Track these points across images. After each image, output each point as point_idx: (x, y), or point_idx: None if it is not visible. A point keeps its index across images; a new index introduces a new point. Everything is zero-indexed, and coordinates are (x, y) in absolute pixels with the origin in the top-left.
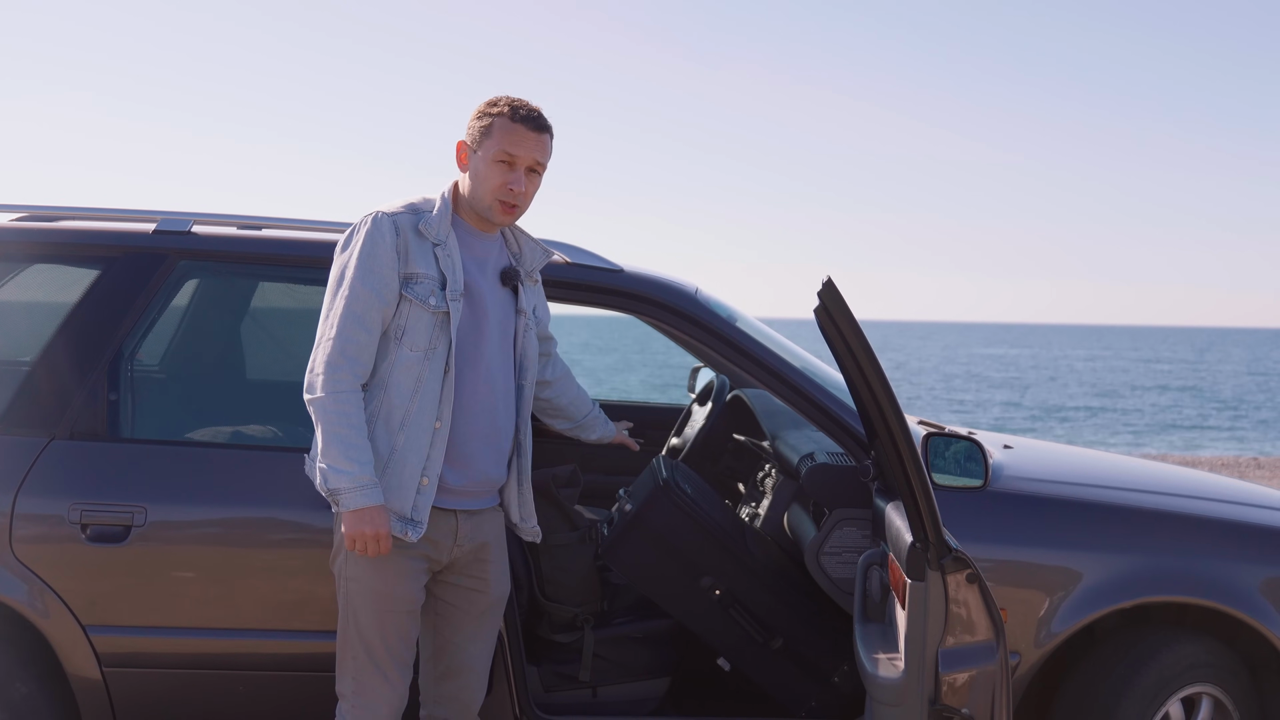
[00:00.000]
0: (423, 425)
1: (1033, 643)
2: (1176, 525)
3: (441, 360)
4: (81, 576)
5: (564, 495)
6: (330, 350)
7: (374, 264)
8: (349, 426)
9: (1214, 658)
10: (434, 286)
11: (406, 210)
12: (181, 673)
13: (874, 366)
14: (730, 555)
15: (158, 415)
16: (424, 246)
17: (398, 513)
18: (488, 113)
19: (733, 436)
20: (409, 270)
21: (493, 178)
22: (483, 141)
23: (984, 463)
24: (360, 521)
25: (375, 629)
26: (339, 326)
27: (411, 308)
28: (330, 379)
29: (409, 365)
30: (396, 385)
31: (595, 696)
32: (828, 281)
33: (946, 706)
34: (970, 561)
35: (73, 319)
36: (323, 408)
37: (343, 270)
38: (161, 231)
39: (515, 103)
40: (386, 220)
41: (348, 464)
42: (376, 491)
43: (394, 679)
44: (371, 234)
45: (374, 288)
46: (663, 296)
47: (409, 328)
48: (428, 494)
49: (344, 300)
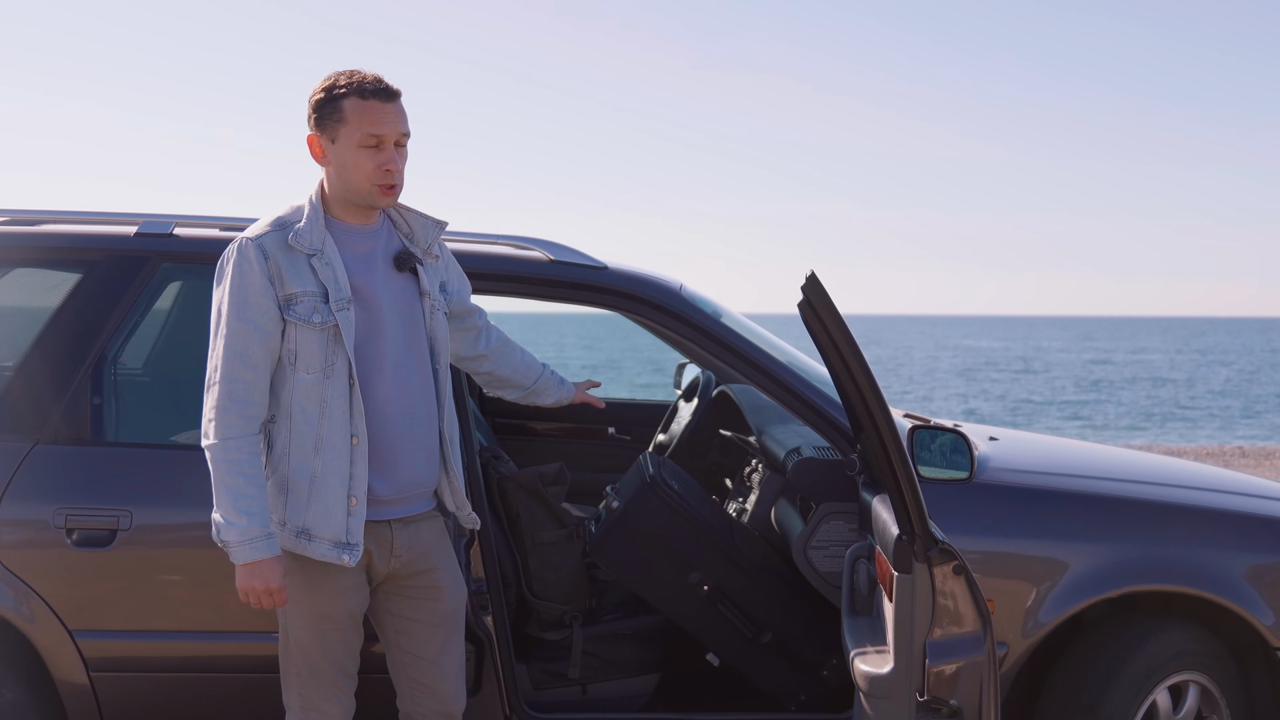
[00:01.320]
0: (338, 445)
1: (1020, 633)
2: (1162, 514)
3: (343, 375)
4: (67, 581)
5: (551, 493)
6: (218, 394)
7: (246, 296)
8: (239, 475)
9: (1200, 646)
10: (316, 302)
11: (273, 228)
12: (169, 676)
13: (858, 360)
14: (718, 551)
15: (142, 419)
16: (297, 261)
17: (330, 538)
18: (333, 96)
19: (719, 432)
20: (286, 292)
21: (363, 163)
22: (338, 129)
23: (969, 455)
24: (250, 576)
25: (316, 645)
26: (222, 369)
27: (298, 330)
28: (220, 425)
29: (309, 388)
30: (301, 410)
31: (585, 694)
32: (811, 276)
33: (934, 698)
34: (957, 553)
35: (55, 323)
36: (213, 455)
37: (219, 308)
38: (143, 234)
39: (359, 79)
40: (250, 246)
41: (237, 515)
42: (268, 543)
43: (339, 692)
44: (239, 264)
45: (250, 321)
46: (647, 293)
47: (300, 350)
48: (359, 514)
49: (223, 340)
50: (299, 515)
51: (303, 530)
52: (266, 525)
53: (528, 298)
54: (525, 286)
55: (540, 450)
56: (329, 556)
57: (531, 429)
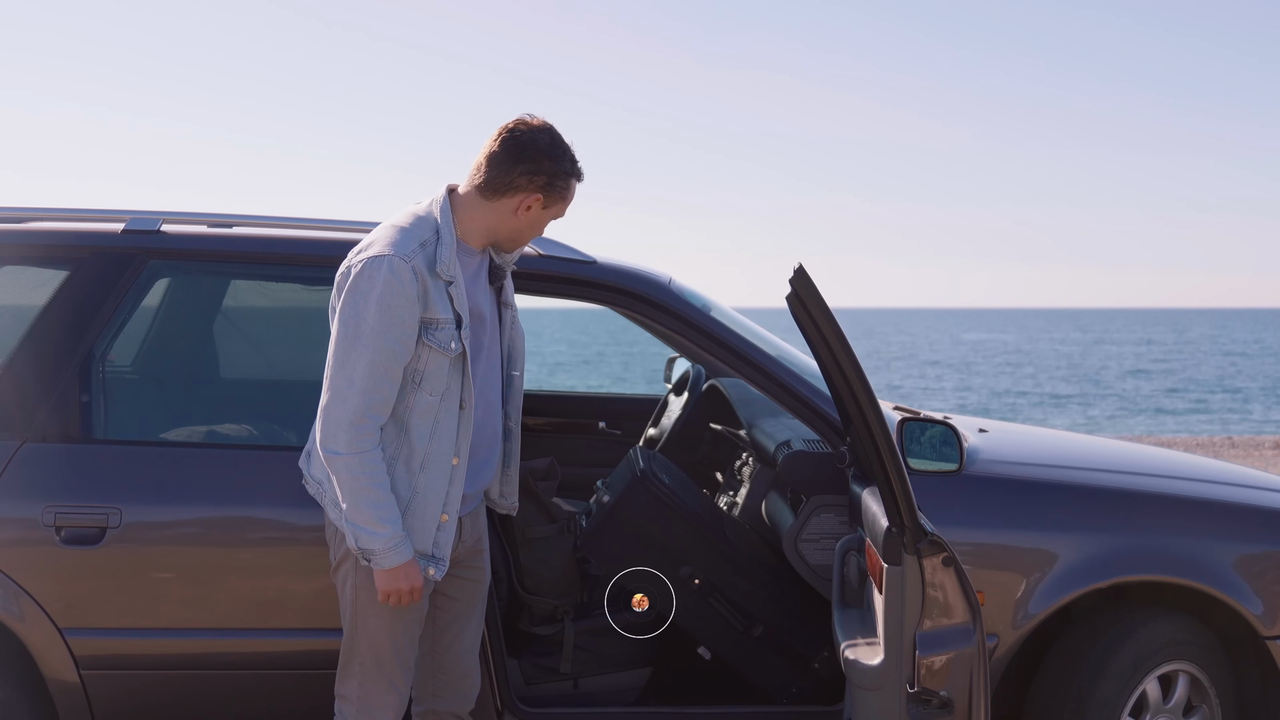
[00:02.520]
0: (441, 465)
1: (1010, 624)
2: (1151, 505)
3: (455, 398)
4: (57, 579)
5: (542, 488)
6: (357, 407)
7: (396, 317)
8: (376, 486)
9: (1190, 635)
10: (453, 330)
11: (416, 247)
12: (160, 674)
13: (847, 353)
14: (709, 544)
15: (131, 416)
16: (439, 286)
17: (419, 550)
18: (565, 171)
19: (709, 426)
20: (428, 316)
21: (541, 230)
22: (555, 201)
23: (959, 447)
24: (395, 579)
25: (386, 636)
26: (363, 385)
27: (431, 353)
28: (355, 438)
29: (427, 409)
30: (416, 429)
31: (577, 688)
32: (799, 269)
33: (925, 689)
34: (946, 545)
35: (43, 320)
36: (348, 468)
37: (358, 320)
38: (131, 231)
39: (572, 157)
40: (405, 267)
41: (380, 526)
42: (408, 546)
43: (399, 685)
44: (391, 283)
45: (397, 342)
46: (636, 287)
47: (428, 373)
48: (449, 530)
49: (368, 355)
50: None
51: None
52: (402, 530)
53: (517, 292)
54: (514, 281)
55: (531, 445)
56: None
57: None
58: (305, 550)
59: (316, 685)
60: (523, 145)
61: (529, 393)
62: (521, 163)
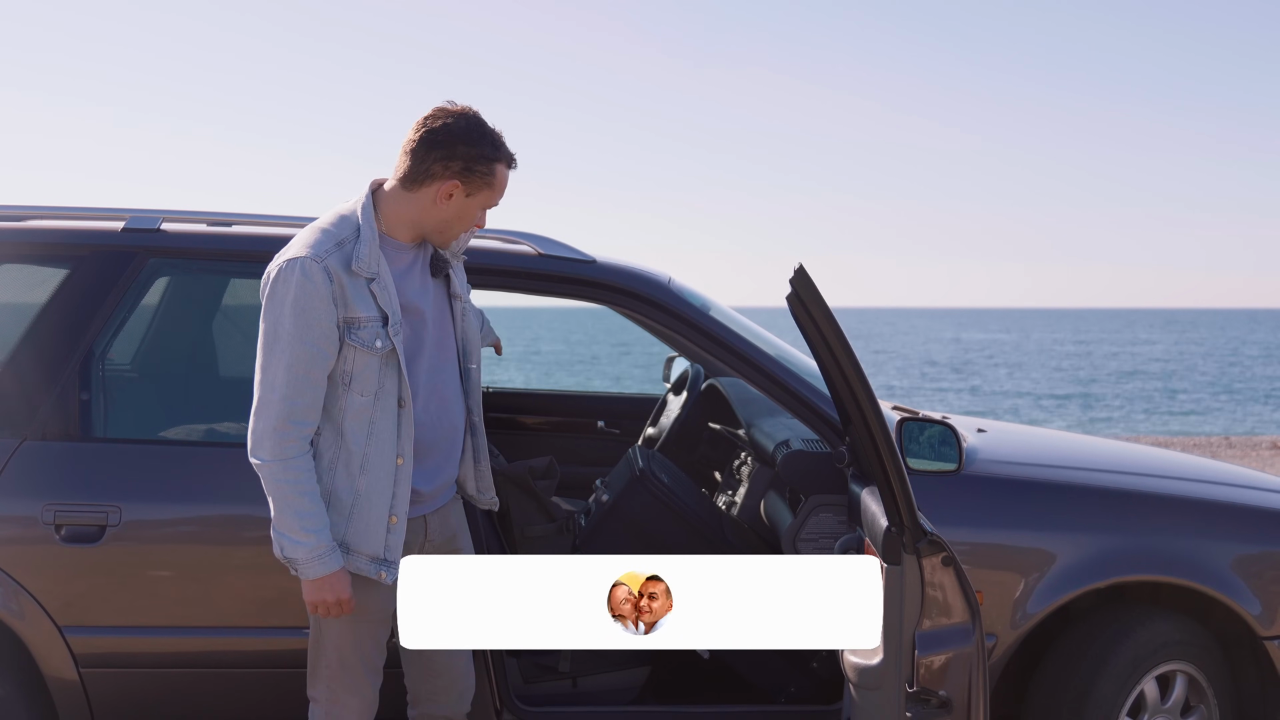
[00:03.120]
0: (384, 466)
1: (1008, 624)
2: (1149, 505)
3: (393, 397)
4: (56, 577)
5: (541, 487)
6: (278, 413)
7: (311, 319)
8: (301, 494)
9: (1188, 636)
10: (378, 328)
11: (331, 246)
12: (159, 672)
13: (847, 353)
14: (708, 543)
15: (130, 414)
16: (358, 285)
17: (369, 554)
18: (488, 156)
19: (708, 425)
20: (349, 315)
21: (471, 221)
22: (481, 189)
23: (958, 447)
24: (321, 590)
25: (349, 639)
26: (285, 389)
27: (357, 354)
28: (278, 444)
29: (360, 410)
30: (352, 431)
31: (575, 687)
32: (799, 269)
33: (924, 689)
34: (945, 545)
35: (42, 319)
36: (272, 476)
37: (275, 325)
38: (130, 229)
39: (501, 142)
40: (317, 268)
41: (304, 535)
42: (335, 556)
43: (364, 687)
44: (303, 285)
45: (314, 344)
46: (636, 287)
47: (356, 373)
48: (398, 531)
49: (285, 360)
50: (340, 529)
51: (342, 544)
52: (330, 539)
53: (516, 291)
54: (514, 280)
55: (530, 444)
56: (366, 571)
57: (521, 423)
58: None
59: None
60: (436, 133)
61: (528, 392)
62: (435, 149)
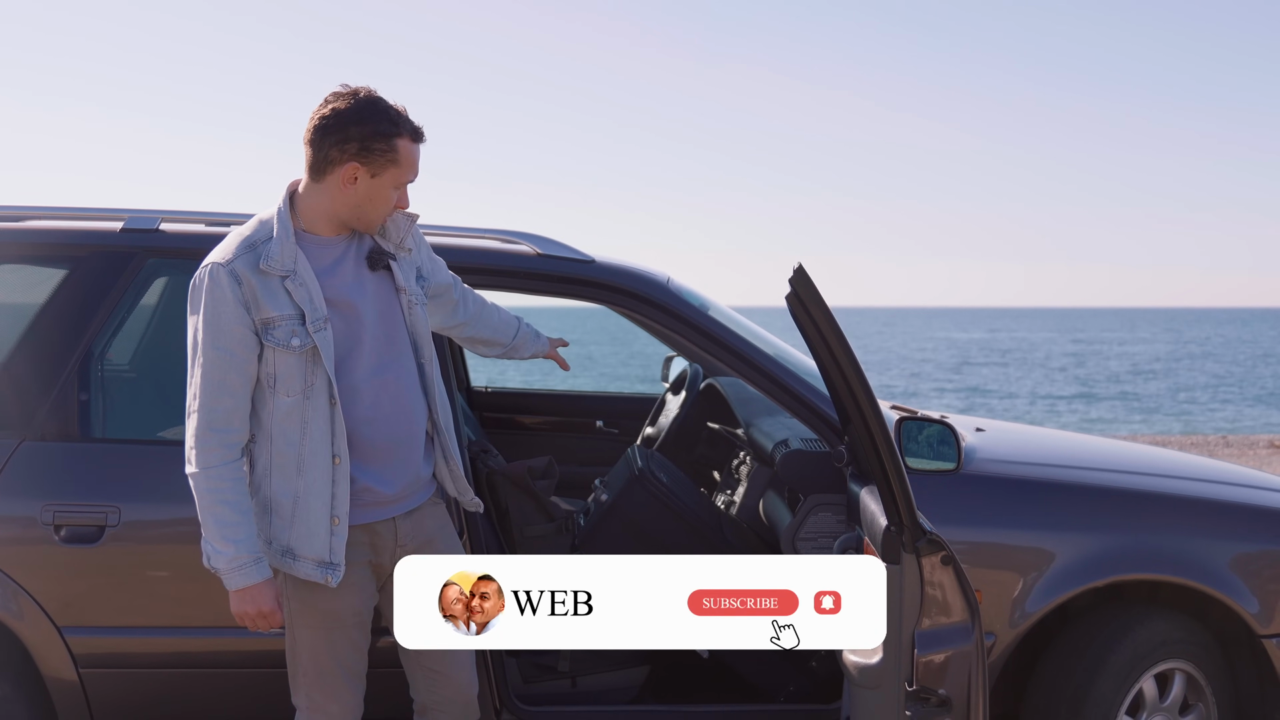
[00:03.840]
0: (320, 466)
1: (1007, 623)
2: (1147, 504)
3: (323, 395)
4: (55, 578)
5: (540, 487)
6: (197, 423)
7: (220, 324)
8: (222, 503)
9: (1186, 634)
10: (294, 325)
11: (242, 249)
12: (158, 672)
13: (846, 352)
14: (707, 543)
15: (129, 414)
16: (271, 284)
17: (314, 558)
18: (388, 134)
19: (707, 425)
20: (262, 316)
21: (387, 201)
22: (386, 168)
23: (957, 446)
24: (243, 601)
25: (324, 645)
26: (200, 398)
27: (276, 354)
28: (201, 453)
29: (289, 410)
30: (282, 433)
31: (574, 686)
32: (799, 268)
33: (923, 688)
34: (945, 544)
35: (41, 319)
36: (196, 485)
37: (194, 336)
38: (129, 230)
39: (402, 118)
40: (222, 272)
41: (224, 544)
42: (258, 568)
43: (345, 694)
44: (210, 292)
45: (225, 349)
46: (635, 286)
47: (279, 374)
48: (341, 533)
49: (200, 369)
50: (283, 535)
51: (287, 550)
52: (254, 550)
53: (515, 291)
54: (512, 280)
55: (529, 444)
56: (313, 576)
57: (520, 423)
58: None
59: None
60: (328, 119)
61: (528, 392)
62: (329, 135)
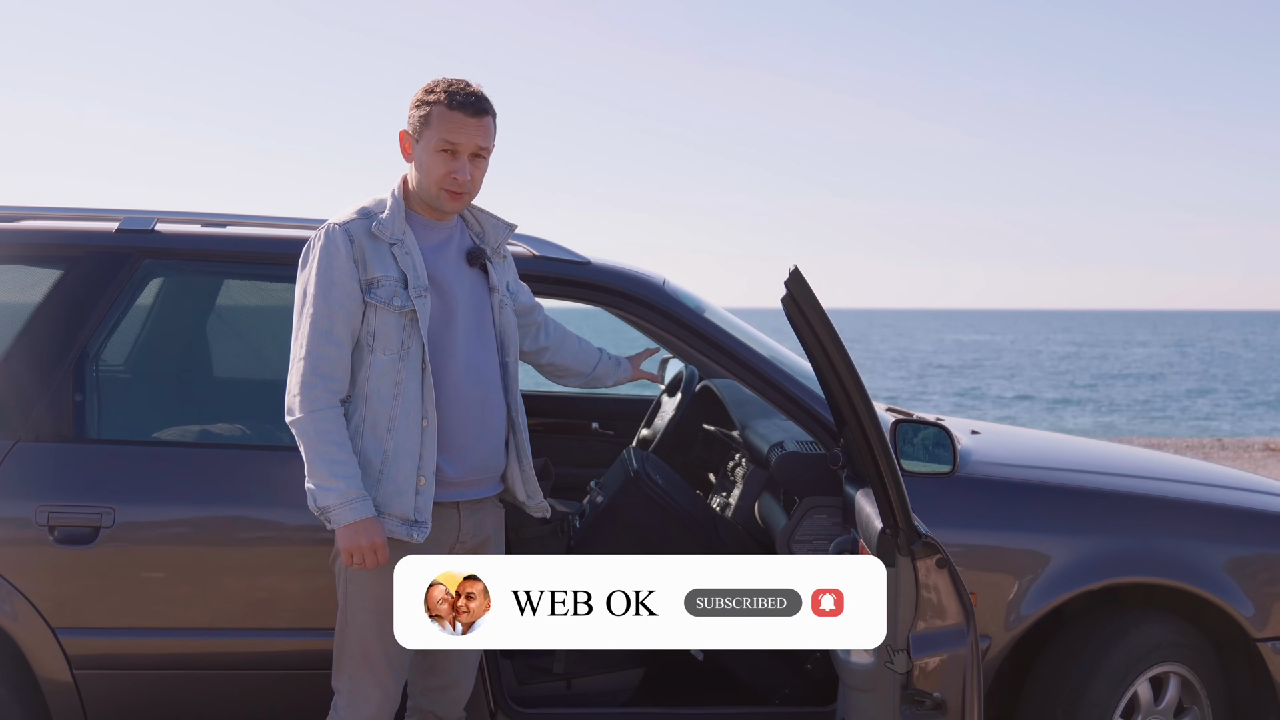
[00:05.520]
0: (410, 426)
1: (1003, 626)
2: (1142, 507)
3: (417, 359)
4: (50, 579)
5: None
6: (303, 370)
7: (332, 277)
8: (330, 443)
9: (1181, 637)
10: (396, 287)
11: (359, 216)
12: (153, 673)
13: (841, 354)
14: (702, 545)
15: (124, 415)
16: (380, 248)
17: (400, 516)
18: (425, 100)
19: (703, 427)
20: (369, 276)
21: (437, 168)
22: (423, 131)
23: (952, 448)
24: (354, 535)
25: (373, 631)
26: (308, 345)
27: (378, 312)
28: (306, 399)
29: (385, 369)
30: (377, 391)
31: (569, 688)
32: (794, 271)
33: (918, 691)
34: (940, 546)
35: (36, 320)
36: (302, 429)
37: (304, 289)
38: (125, 230)
39: (453, 88)
40: (338, 231)
41: (334, 480)
42: (366, 504)
43: (386, 681)
44: (326, 248)
45: (336, 301)
46: (630, 288)
47: (379, 333)
48: (427, 493)
49: (309, 319)
50: (370, 493)
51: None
52: (361, 488)
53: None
54: None
55: None
56: (398, 533)
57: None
58: (298, 550)
59: (309, 685)
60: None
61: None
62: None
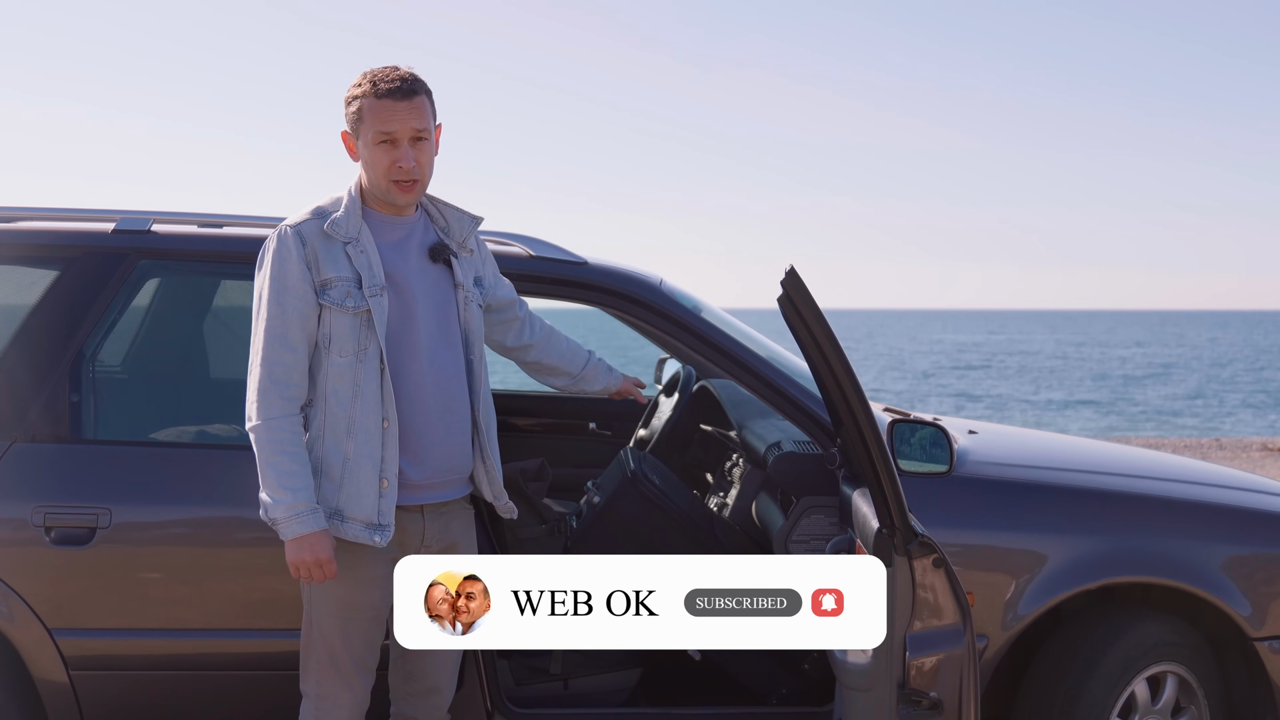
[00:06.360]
0: (370, 429)
1: (999, 625)
2: (1140, 506)
3: (375, 360)
4: (46, 580)
5: (532, 489)
6: (259, 376)
7: (284, 281)
8: (282, 453)
9: (1178, 637)
10: (350, 287)
11: (312, 216)
12: (149, 674)
13: (838, 354)
14: (699, 545)
15: (121, 416)
16: (334, 248)
17: (362, 520)
18: (355, 95)
19: (700, 427)
20: (322, 277)
21: (380, 160)
22: (359, 127)
23: (949, 448)
24: (300, 549)
25: (339, 635)
26: (263, 352)
27: (332, 314)
28: (262, 406)
29: (343, 371)
30: (335, 393)
31: (567, 689)
32: (791, 270)
33: (915, 690)
34: (936, 546)
35: (32, 320)
36: (257, 437)
37: (260, 293)
38: (121, 231)
39: (377, 77)
40: (290, 233)
41: (282, 492)
42: (315, 517)
43: (355, 684)
44: (278, 251)
45: (289, 306)
46: (627, 288)
47: (334, 334)
48: (390, 496)
49: (264, 324)
50: (332, 497)
51: (335, 512)
52: (312, 500)
53: None
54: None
55: (521, 446)
56: (361, 537)
57: (512, 424)
58: None
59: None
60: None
61: (520, 394)
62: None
